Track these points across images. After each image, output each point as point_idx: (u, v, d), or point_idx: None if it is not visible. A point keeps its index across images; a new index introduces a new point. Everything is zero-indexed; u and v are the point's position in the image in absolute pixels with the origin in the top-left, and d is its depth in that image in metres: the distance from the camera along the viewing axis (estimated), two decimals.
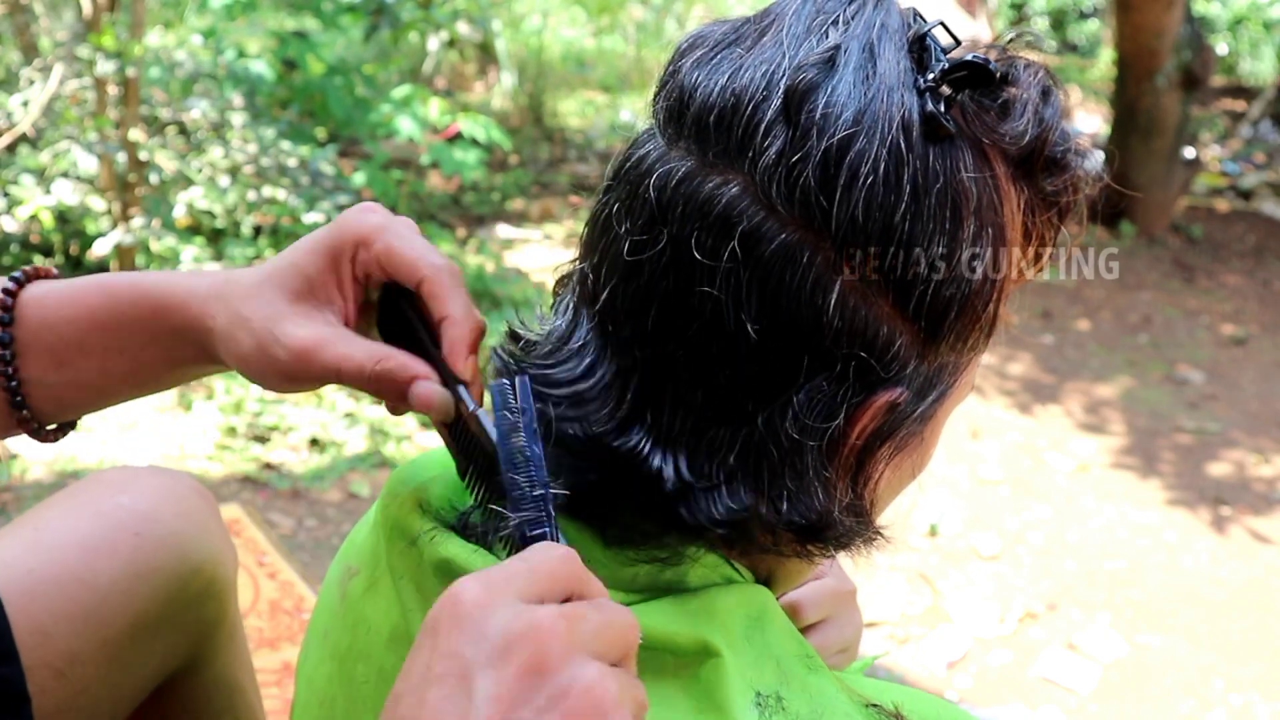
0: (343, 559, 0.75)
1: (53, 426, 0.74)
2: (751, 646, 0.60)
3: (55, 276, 0.71)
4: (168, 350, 0.68)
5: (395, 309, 0.65)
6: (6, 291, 0.68)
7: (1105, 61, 9.62)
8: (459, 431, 0.62)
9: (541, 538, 0.54)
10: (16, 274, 0.70)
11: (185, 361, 0.69)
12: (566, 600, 0.49)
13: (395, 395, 0.62)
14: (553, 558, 0.50)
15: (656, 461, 0.58)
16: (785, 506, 0.58)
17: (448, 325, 0.62)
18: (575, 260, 0.64)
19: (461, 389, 0.61)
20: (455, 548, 0.61)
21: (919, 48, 0.57)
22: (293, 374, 0.63)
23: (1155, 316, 5.08)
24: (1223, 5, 9.52)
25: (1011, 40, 0.60)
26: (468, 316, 0.62)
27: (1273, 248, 6.11)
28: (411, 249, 0.62)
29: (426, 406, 0.61)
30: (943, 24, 0.59)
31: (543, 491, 0.55)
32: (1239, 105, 8.96)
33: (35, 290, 0.70)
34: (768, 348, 0.56)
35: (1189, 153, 6.13)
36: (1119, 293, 5.30)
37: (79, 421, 0.77)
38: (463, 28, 4.87)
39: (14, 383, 0.69)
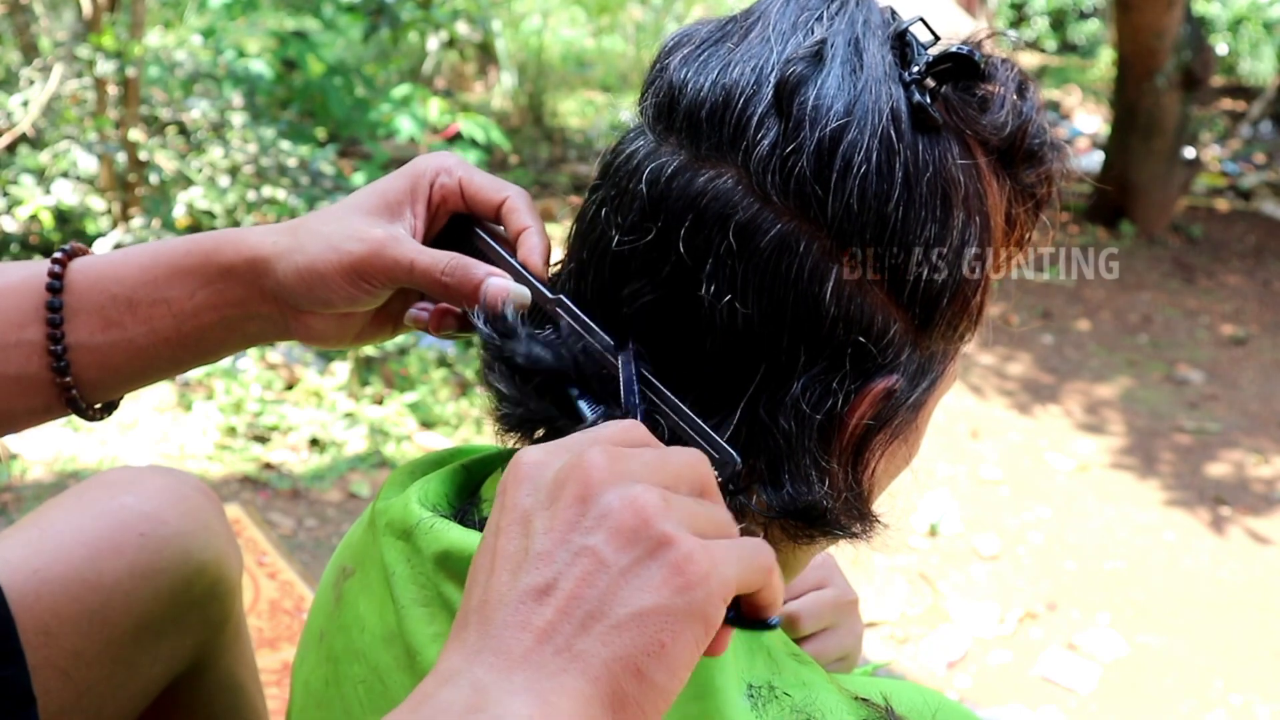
0: (338, 560, 0.76)
1: (98, 406, 0.75)
2: (743, 638, 0.61)
3: (89, 254, 0.74)
4: (216, 295, 0.70)
5: (460, 237, 0.68)
6: (57, 260, 0.71)
7: (1105, 61, 9.63)
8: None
9: None
10: (65, 247, 0.72)
11: (231, 306, 0.70)
12: None
13: (467, 292, 0.64)
14: (617, 425, 0.52)
15: None
16: (783, 493, 0.58)
17: (527, 234, 0.66)
18: (564, 260, 0.65)
19: (540, 285, 0.64)
20: (456, 535, 0.62)
21: (900, 43, 0.58)
22: (362, 269, 0.65)
23: (1155, 316, 5.08)
24: (1223, 5, 9.52)
25: (986, 38, 0.61)
26: (544, 231, 0.67)
27: (1273, 248, 6.12)
28: (490, 177, 0.68)
29: (499, 297, 0.63)
30: (921, 20, 0.60)
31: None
32: (1239, 105, 8.96)
33: (85, 257, 0.72)
34: (765, 338, 0.56)
35: (1189, 153, 6.14)
36: (1119, 293, 5.30)
37: (119, 402, 0.77)
38: (462, 28, 4.87)
39: (59, 346, 0.70)
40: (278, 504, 2.83)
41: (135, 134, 3.57)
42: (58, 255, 0.71)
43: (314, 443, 3.10)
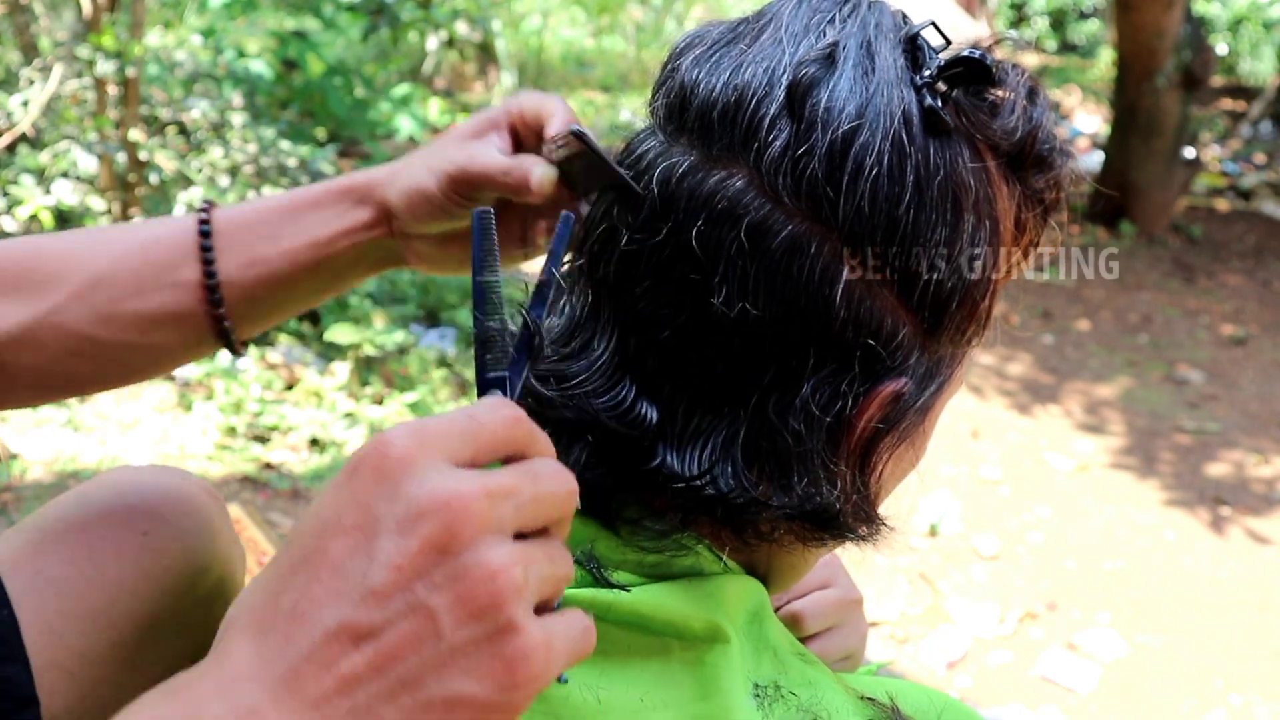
0: None
1: (243, 340, 0.85)
2: (750, 638, 0.61)
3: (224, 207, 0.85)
4: (348, 223, 0.82)
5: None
6: (203, 209, 0.83)
7: (1105, 61, 9.64)
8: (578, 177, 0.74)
9: (500, 383, 0.53)
10: (206, 202, 0.84)
11: (360, 232, 0.82)
12: (507, 461, 0.47)
13: (525, 189, 0.76)
14: (499, 417, 0.47)
15: (660, 451, 0.58)
16: (793, 494, 0.58)
17: (550, 117, 0.78)
18: (572, 259, 0.65)
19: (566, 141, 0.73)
20: None
21: (911, 46, 0.58)
22: (458, 179, 0.78)
23: (1155, 316, 5.09)
24: (1223, 5, 9.53)
25: (995, 44, 0.61)
26: (564, 111, 0.79)
27: (1273, 248, 6.12)
28: (536, 97, 0.81)
29: (545, 184, 0.76)
30: (933, 24, 0.60)
31: (511, 330, 0.54)
32: (1239, 105, 8.97)
33: (225, 208, 0.83)
34: (775, 339, 0.56)
35: (1189, 153, 6.14)
36: (1119, 293, 5.31)
37: (256, 339, 0.89)
38: (462, 28, 4.87)
39: (214, 281, 0.81)
40: (278, 504, 2.83)
41: (135, 134, 3.56)
42: (204, 205, 0.83)
43: (314, 443, 3.10)
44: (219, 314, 0.81)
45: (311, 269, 0.82)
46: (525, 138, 0.82)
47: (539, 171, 0.75)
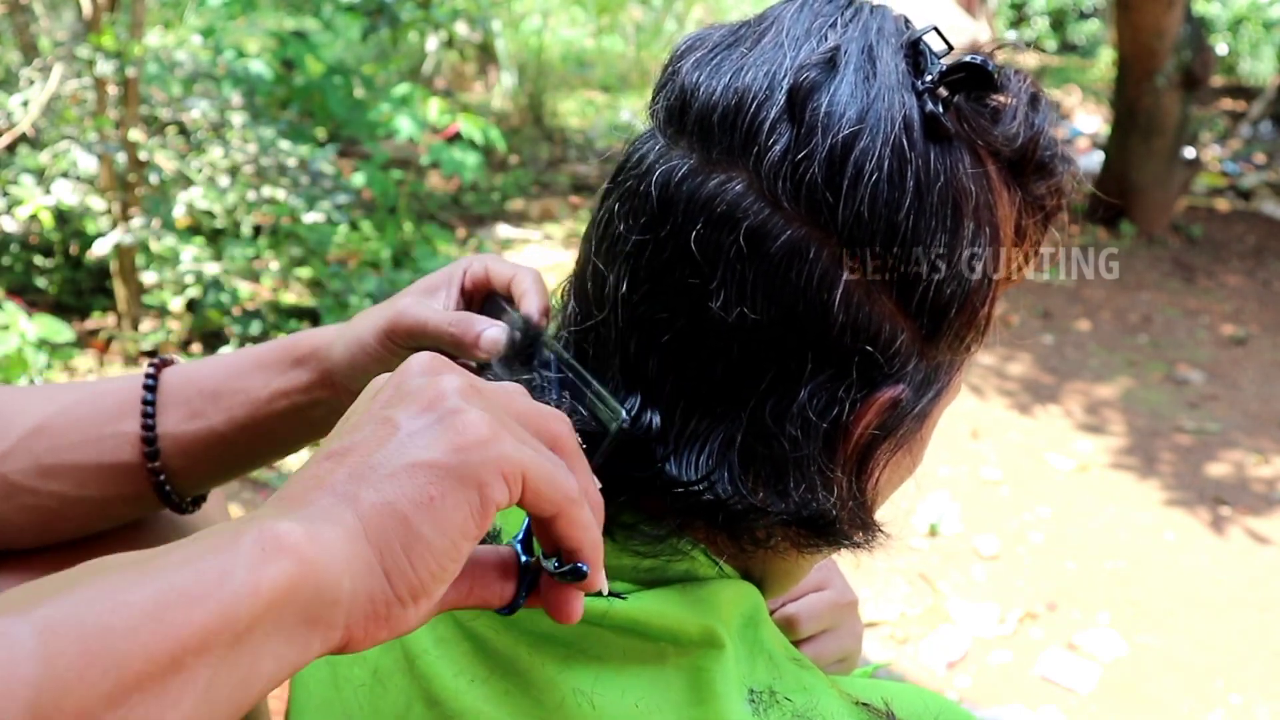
0: None
1: (188, 499, 0.84)
2: (745, 642, 0.61)
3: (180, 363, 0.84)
4: (287, 382, 0.80)
5: (492, 309, 0.80)
6: (153, 364, 0.82)
7: (1105, 61, 9.65)
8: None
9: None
10: (161, 357, 0.83)
11: (299, 392, 0.80)
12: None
13: (470, 340, 0.74)
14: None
15: (659, 456, 0.58)
16: (790, 500, 0.58)
17: (524, 296, 0.76)
18: (577, 262, 0.65)
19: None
20: None
21: (913, 51, 0.58)
22: (389, 329, 0.76)
23: (1155, 316, 5.09)
24: (1223, 5, 9.53)
25: (997, 48, 0.61)
26: (539, 293, 0.76)
27: (1273, 248, 6.12)
28: (506, 264, 0.80)
29: (493, 345, 0.72)
30: (935, 29, 0.60)
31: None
32: (1239, 105, 8.97)
33: (178, 365, 0.83)
34: (773, 343, 0.56)
35: (1189, 153, 6.14)
36: (1119, 293, 5.31)
37: (207, 496, 0.88)
38: (462, 28, 4.87)
39: (151, 434, 0.79)
40: None
41: (135, 134, 3.56)
42: (154, 362, 0.82)
43: (315, 444, 3.09)
44: (155, 467, 0.80)
45: (249, 428, 0.81)
46: (479, 294, 0.81)
47: (491, 332, 0.74)
